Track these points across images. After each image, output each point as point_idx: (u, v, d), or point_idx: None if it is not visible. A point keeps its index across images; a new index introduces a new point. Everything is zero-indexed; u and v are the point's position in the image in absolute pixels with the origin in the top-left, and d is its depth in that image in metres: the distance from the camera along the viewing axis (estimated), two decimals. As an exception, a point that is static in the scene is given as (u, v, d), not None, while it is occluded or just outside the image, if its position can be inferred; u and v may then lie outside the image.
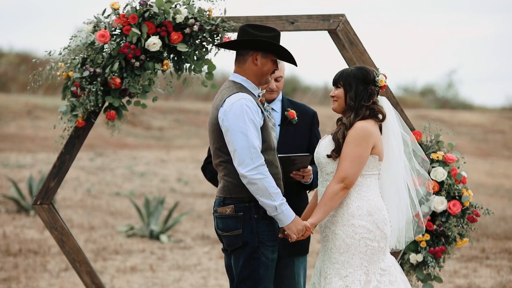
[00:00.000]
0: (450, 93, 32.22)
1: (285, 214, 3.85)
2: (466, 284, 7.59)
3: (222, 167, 3.96)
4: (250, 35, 3.93)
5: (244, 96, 3.88)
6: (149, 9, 4.51)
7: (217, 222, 3.99)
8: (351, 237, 3.95)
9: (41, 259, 8.29)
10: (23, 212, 10.55)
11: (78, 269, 4.77)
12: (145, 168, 14.33)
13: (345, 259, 3.96)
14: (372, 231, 3.95)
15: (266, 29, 3.96)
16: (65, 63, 4.58)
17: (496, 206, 12.72)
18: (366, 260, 3.96)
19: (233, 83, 3.98)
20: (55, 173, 4.73)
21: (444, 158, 4.61)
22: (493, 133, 23.35)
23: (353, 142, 3.92)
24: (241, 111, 3.83)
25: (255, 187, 3.80)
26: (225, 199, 3.95)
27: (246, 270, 3.92)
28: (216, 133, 3.94)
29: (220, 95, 3.98)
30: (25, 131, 17.00)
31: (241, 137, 3.80)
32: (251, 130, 3.82)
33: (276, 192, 3.82)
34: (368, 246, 3.95)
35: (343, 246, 3.96)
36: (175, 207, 10.14)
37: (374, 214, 3.96)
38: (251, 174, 3.78)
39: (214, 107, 3.97)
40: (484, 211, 4.64)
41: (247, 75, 3.99)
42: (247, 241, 3.90)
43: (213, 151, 3.99)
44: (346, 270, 3.96)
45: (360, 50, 4.71)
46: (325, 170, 4.03)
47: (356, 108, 3.98)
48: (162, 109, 20.43)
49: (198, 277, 7.85)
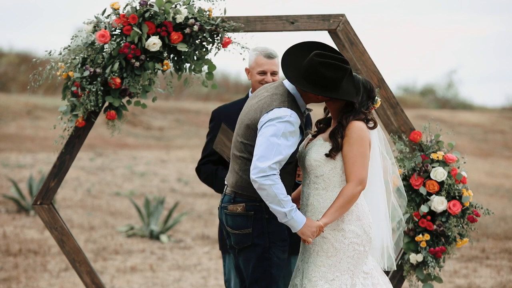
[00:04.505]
0: (450, 93, 32.22)
1: (295, 220, 3.81)
2: (466, 284, 7.59)
3: (240, 161, 3.93)
4: (321, 76, 3.82)
5: (292, 115, 3.83)
6: (149, 9, 4.51)
7: (227, 219, 3.97)
8: (341, 241, 3.93)
9: (41, 259, 8.29)
10: (23, 212, 10.55)
11: (78, 269, 4.77)
12: (145, 168, 14.33)
13: (332, 263, 3.94)
14: (360, 235, 3.95)
15: (338, 69, 3.82)
16: (65, 63, 4.58)
17: (496, 206, 12.72)
18: (352, 264, 3.95)
19: (287, 93, 3.92)
20: (55, 173, 4.73)
21: (444, 158, 4.61)
22: (493, 133, 23.34)
23: (356, 143, 3.91)
24: (282, 129, 3.80)
25: (265, 192, 3.78)
26: (236, 195, 3.93)
27: (258, 271, 3.91)
28: (248, 130, 3.90)
29: (270, 97, 3.91)
30: (25, 131, 17.00)
31: (269, 149, 3.78)
32: (280, 147, 3.79)
33: (285, 200, 3.78)
34: (355, 251, 3.95)
35: (332, 250, 3.94)
36: (175, 207, 10.14)
37: (362, 219, 3.96)
38: (261, 180, 3.76)
39: (258, 106, 3.91)
40: (484, 211, 4.64)
41: (303, 95, 3.94)
42: (256, 241, 3.89)
43: (238, 143, 3.95)
44: (333, 274, 3.94)
45: (360, 50, 4.71)
46: (314, 172, 3.98)
47: (355, 111, 3.97)
48: (162, 109, 20.43)
49: (198, 277, 7.85)
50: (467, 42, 47.53)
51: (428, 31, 45.75)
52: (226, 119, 4.62)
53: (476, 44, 47.35)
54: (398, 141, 4.68)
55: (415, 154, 4.65)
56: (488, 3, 47.96)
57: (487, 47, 46.90)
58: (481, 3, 48.95)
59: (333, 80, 3.82)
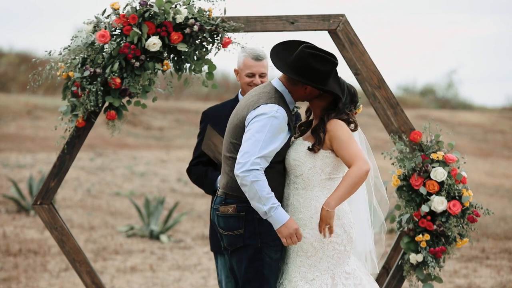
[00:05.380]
0: (450, 93, 32.24)
1: (274, 218, 3.80)
2: (466, 284, 7.59)
3: (230, 162, 3.93)
4: (310, 67, 3.85)
5: (279, 110, 3.85)
6: (149, 9, 4.51)
7: (219, 220, 3.98)
8: (320, 240, 3.92)
9: (41, 259, 8.29)
10: (23, 212, 10.55)
11: (78, 269, 4.77)
12: (145, 168, 14.33)
13: (312, 263, 3.94)
14: (340, 235, 3.94)
15: (326, 62, 3.87)
16: (65, 63, 4.58)
17: (496, 206, 12.72)
18: (332, 264, 3.95)
19: (275, 90, 3.95)
20: (55, 173, 4.73)
21: (444, 158, 4.61)
22: (493, 133, 23.35)
23: (341, 130, 3.91)
24: (268, 124, 3.81)
25: (247, 188, 3.78)
26: (227, 196, 3.94)
27: (251, 272, 3.91)
28: (237, 129, 3.92)
29: (257, 95, 3.94)
30: (25, 131, 17.00)
31: (253, 144, 3.79)
32: (266, 142, 3.80)
33: (267, 197, 3.77)
34: (335, 250, 3.94)
35: (311, 250, 3.94)
36: (175, 207, 10.14)
37: (342, 218, 3.95)
38: (244, 174, 3.76)
39: (246, 104, 3.94)
40: (484, 211, 4.64)
41: (291, 91, 3.97)
42: (248, 242, 3.89)
43: (228, 143, 3.97)
44: (313, 274, 3.94)
45: (360, 50, 4.71)
46: (293, 172, 3.98)
47: (339, 110, 3.98)
48: (162, 109, 20.43)
49: (198, 277, 7.85)
50: (467, 42, 47.56)
51: (428, 31, 45.77)
52: (215, 120, 4.65)
53: (476, 44, 47.38)
54: (398, 141, 4.68)
55: (415, 154, 4.65)
56: (488, 3, 47.98)
57: (487, 47, 46.93)
58: (481, 3, 48.97)
59: (322, 72, 3.85)
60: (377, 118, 4.18)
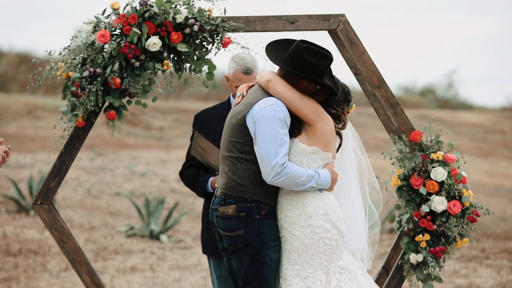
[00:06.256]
0: (450, 93, 32.22)
1: (324, 183, 3.91)
2: (466, 284, 7.59)
3: (229, 161, 3.93)
4: (306, 61, 3.86)
5: (278, 102, 3.87)
6: (149, 9, 4.51)
7: (218, 221, 3.97)
8: (310, 237, 3.93)
9: (41, 259, 8.29)
10: (23, 212, 10.55)
11: (78, 269, 4.77)
12: (145, 168, 14.33)
13: (304, 260, 3.94)
14: (330, 230, 3.94)
15: (321, 56, 3.88)
16: (65, 63, 4.58)
17: (496, 206, 12.72)
18: (325, 260, 3.95)
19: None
20: (55, 173, 4.73)
21: (444, 158, 4.61)
22: (493, 133, 23.34)
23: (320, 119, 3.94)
24: (272, 118, 3.82)
25: (286, 186, 3.87)
26: (226, 197, 3.93)
27: (251, 272, 3.91)
28: (235, 128, 3.92)
29: (254, 93, 3.96)
30: (25, 131, 17.00)
31: (268, 146, 3.80)
32: (280, 133, 3.82)
33: (303, 179, 3.85)
34: (327, 246, 3.94)
35: (302, 247, 3.94)
36: (175, 207, 10.14)
37: (330, 213, 3.95)
38: (276, 180, 3.82)
39: (244, 103, 3.94)
40: (484, 211, 4.64)
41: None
42: (249, 242, 3.89)
43: (226, 143, 3.96)
44: (306, 271, 3.94)
45: (360, 50, 4.71)
46: None
47: (328, 105, 3.99)
48: (162, 109, 20.42)
49: (198, 277, 7.85)
50: (467, 42, 47.55)
51: (428, 31, 45.76)
52: (207, 122, 4.68)
53: (476, 44, 47.36)
54: (398, 141, 4.69)
55: (415, 154, 4.65)
56: (488, 3, 47.97)
57: (487, 47, 46.91)
58: (481, 3, 48.96)
59: (318, 66, 3.86)
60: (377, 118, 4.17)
